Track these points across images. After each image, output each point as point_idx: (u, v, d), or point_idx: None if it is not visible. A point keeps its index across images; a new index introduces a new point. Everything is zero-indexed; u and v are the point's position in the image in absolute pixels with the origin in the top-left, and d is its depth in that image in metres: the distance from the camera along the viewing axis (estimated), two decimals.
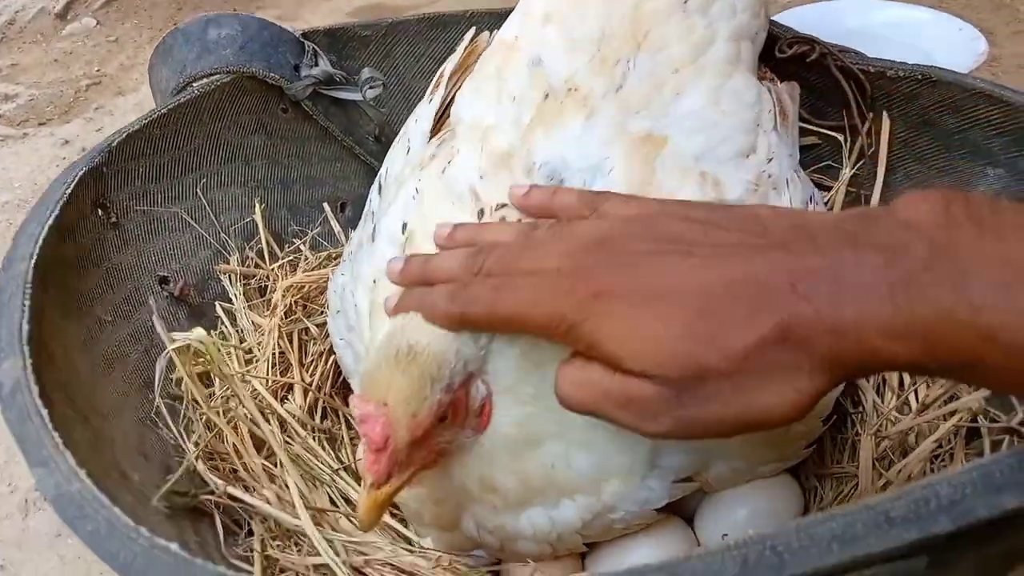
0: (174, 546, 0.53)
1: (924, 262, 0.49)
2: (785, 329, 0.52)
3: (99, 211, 0.95)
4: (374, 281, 0.78)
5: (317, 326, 1.06)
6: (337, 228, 1.21)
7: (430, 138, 0.90)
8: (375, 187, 0.92)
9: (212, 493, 0.82)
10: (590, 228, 0.63)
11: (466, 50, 0.95)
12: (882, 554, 0.48)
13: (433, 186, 0.81)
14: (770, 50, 1.02)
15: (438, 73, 0.95)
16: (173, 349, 0.79)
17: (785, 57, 1.03)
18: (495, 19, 1.26)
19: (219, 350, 0.84)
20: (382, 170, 0.92)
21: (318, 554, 0.76)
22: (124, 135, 0.99)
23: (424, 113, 0.89)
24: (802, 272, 0.52)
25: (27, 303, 0.74)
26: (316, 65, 1.17)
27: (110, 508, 0.56)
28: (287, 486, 0.84)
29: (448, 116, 0.92)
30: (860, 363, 0.52)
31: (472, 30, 0.98)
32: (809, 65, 1.04)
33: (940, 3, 2.15)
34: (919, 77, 0.98)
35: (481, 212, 0.77)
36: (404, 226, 0.80)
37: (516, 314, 0.61)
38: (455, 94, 0.93)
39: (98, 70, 2.06)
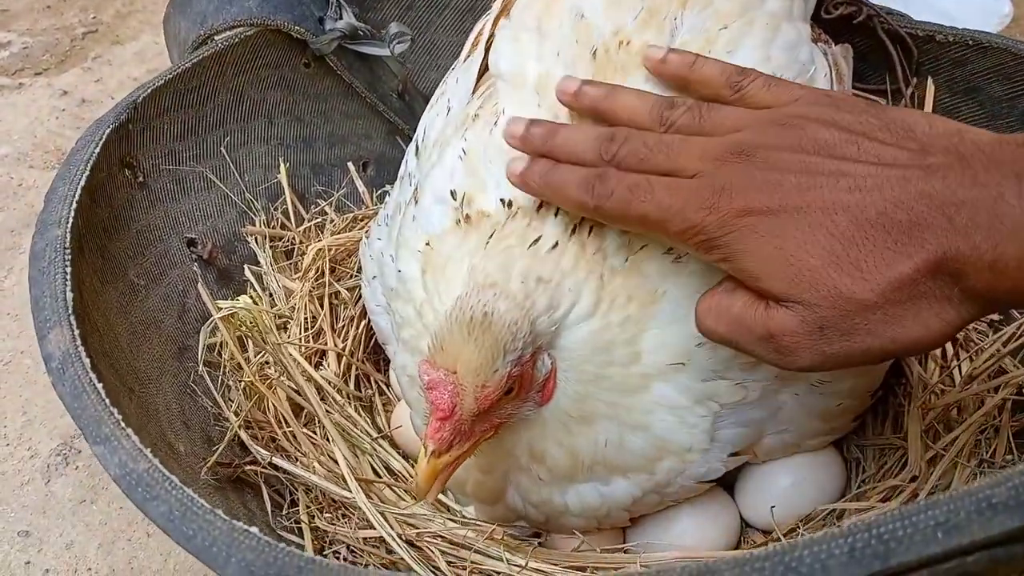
0: (255, 529, 0.51)
1: None
2: (939, 263, 0.51)
3: (127, 171, 0.92)
4: (427, 244, 0.76)
5: (348, 290, 1.03)
6: (362, 188, 1.18)
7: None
8: (411, 150, 0.89)
9: (255, 463, 0.80)
10: (730, 121, 0.61)
11: (502, 4, 0.92)
12: (985, 541, 0.48)
13: (482, 144, 0.78)
14: (816, 11, 0.99)
15: (475, 31, 0.91)
16: (219, 318, 0.77)
17: (831, 18, 1.00)
18: None
19: (263, 318, 0.82)
20: (419, 132, 0.89)
21: (369, 527, 0.74)
22: (149, 90, 0.95)
23: (464, 73, 0.86)
24: (958, 204, 0.50)
25: (68, 269, 0.72)
26: (341, 18, 1.13)
27: (181, 489, 0.55)
28: (331, 456, 0.83)
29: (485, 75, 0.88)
30: (1014, 296, 0.50)
31: None
32: (854, 27, 1.02)
33: None
34: (970, 43, 0.96)
35: None
36: (453, 192, 0.77)
37: (652, 219, 0.60)
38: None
39: (94, 17, 1.98)
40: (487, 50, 0.88)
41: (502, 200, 0.74)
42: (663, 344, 0.70)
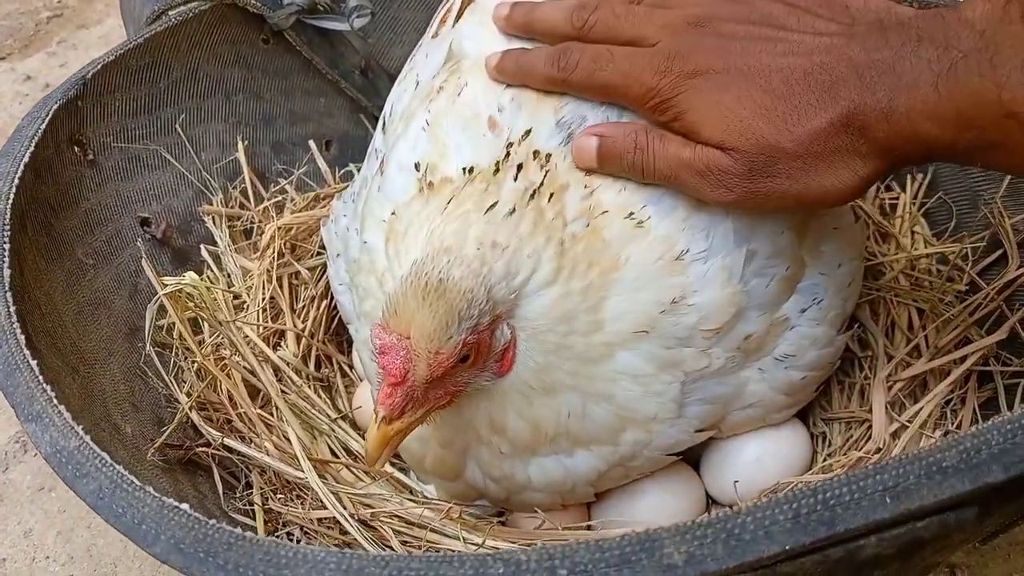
0: (185, 506, 0.49)
1: (966, 54, 0.55)
2: (849, 115, 0.58)
3: (75, 148, 0.90)
4: (392, 213, 0.74)
5: (308, 269, 1.01)
6: (323, 167, 1.16)
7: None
8: (379, 125, 0.87)
9: (208, 445, 0.78)
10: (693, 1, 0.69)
11: None
12: (935, 505, 0.47)
13: (445, 114, 0.77)
14: None
15: (443, 7, 0.89)
16: (164, 295, 0.75)
17: None
18: None
19: (212, 295, 0.80)
20: (386, 107, 0.88)
21: (323, 507, 0.73)
22: (99, 66, 0.93)
23: (435, 49, 0.84)
24: (869, 65, 0.58)
25: (6, 245, 0.70)
26: None
27: (112, 466, 0.53)
28: (286, 436, 0.81)
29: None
30: (907, 148, 0.58)
31: None
32: None
33: None
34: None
35: (509, 145, 0.73)
36: (417, 164, 0.76)
37: (613, 85, 0.68)
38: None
39: (59, 1, 1.95)
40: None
41: (463, 168, 0.73)
42: (626, 311, 0.69)
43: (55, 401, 0.57)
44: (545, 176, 0.70)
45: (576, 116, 0.73)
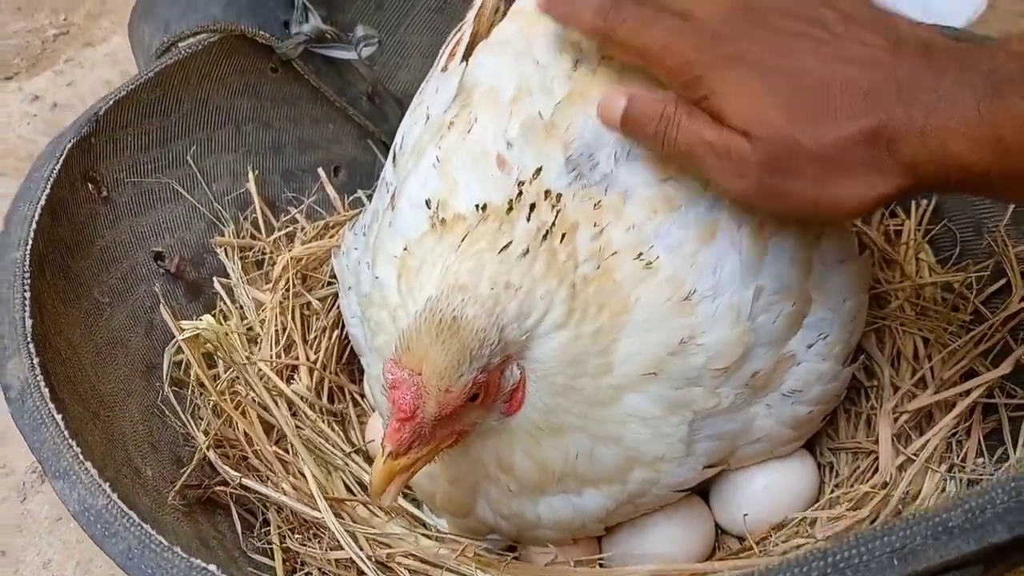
0: (213, 567, 0.51)
1: (1011, 79, 0.55)
2: (879, 128, 0.58)
3: (89, 185, 0.91)
4: (404, 249, 0.76)
5: (319, 300, 1.03)
6: (332, 194, 1.17)
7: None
8: (389, 157, 0.89)
9: (225, 484, 0.80)
10: None
11: (478, 14, 0.91)
12: (941, 565, 0.48)
13: (455, 150, 0.78)
14: None
15: (451, 41, 0.90)
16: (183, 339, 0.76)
17: None
18: None
19: (227, 335, 0.81)
20: (397, 139, 0.89)
21: (340, 547, 0.74)
22: (111, 102, 0.94)
23: (445, 83, 0.85)
24: (910, 82, 0.58)
25: (27, 294, 0.71)
26: (307, 21, 1.11)
27: (140, 525, 0.54)
28: (301, 473, 0.82)
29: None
30: (935, 168, 0.58)
31: None
32: None
33: None
34: None
35: (520, 183, 0.74)
36: (428, 201, 0.77)
37: (653, 51, 0.67)
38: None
39: (65, 19, 1.95)
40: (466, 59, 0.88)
41: (476, 205, 0.74)
42: (635, 354, 0.70)
43: (81, 457, 0.59)
44: (556, 216, 0.72)
45: (585, 154, 0.75)
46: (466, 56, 0.88)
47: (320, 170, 1.17)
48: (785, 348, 0.77)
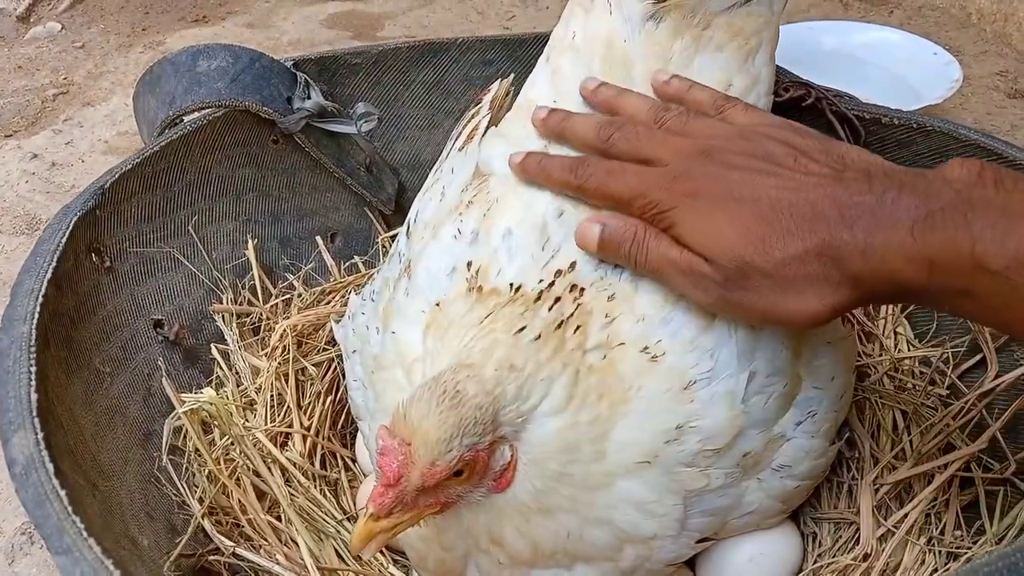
0: None
1: (944, 206, 0.61)
2: (824, 247, 0.64)
3: (93, 256, 0.93)
4: (437, 304, 0.79)
5: (315, 365, 1.05)
6: (329, 261, 1.20)
7: None
8: (402, 231, 0.92)
9: (219, 552, 0.81)
10: (708, 130, 0.76)
11: (494, 100, 0.95)
12: None
13: (485, 227, 0.82)
14: None
15: (467, 122, 0.94)
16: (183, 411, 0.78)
17: (781, 101, 1.04)
18: (486, 47, 1.26)
19: (227, 408, 0.83)
20: (411, 214, 0.91)
21: None
22: (116, 175, 0.96)
23: (462, 163, 0.89)
24: (851, 205, 0.64)
25: (33, 368, 0.73)
26: (309, 97, 1.15)
27: None
28: (294, 540, 0.84)
29: None
30: (878, 283, 0.64)
31: (497, 83, 0.97)
32: (803, 109, 1.05)
33: (909, 20, 2.19)
34: (914, 125, 1.00)
35: (557, 273, 0.77)
36: (469, 264, 0.80)
37: (620, 196, 0.75)
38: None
39: (65, 78, 1.99)
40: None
41: (511, 284, 0.77)
42: (632, 443, 0.72)
43: (85, 534, 0.60)
44: (576, 308, 0.74)
45: None
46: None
47: (318, 237, 1.20)
48: (776, 428, 0.80)
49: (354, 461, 1.02)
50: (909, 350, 1.02)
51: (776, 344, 0.78)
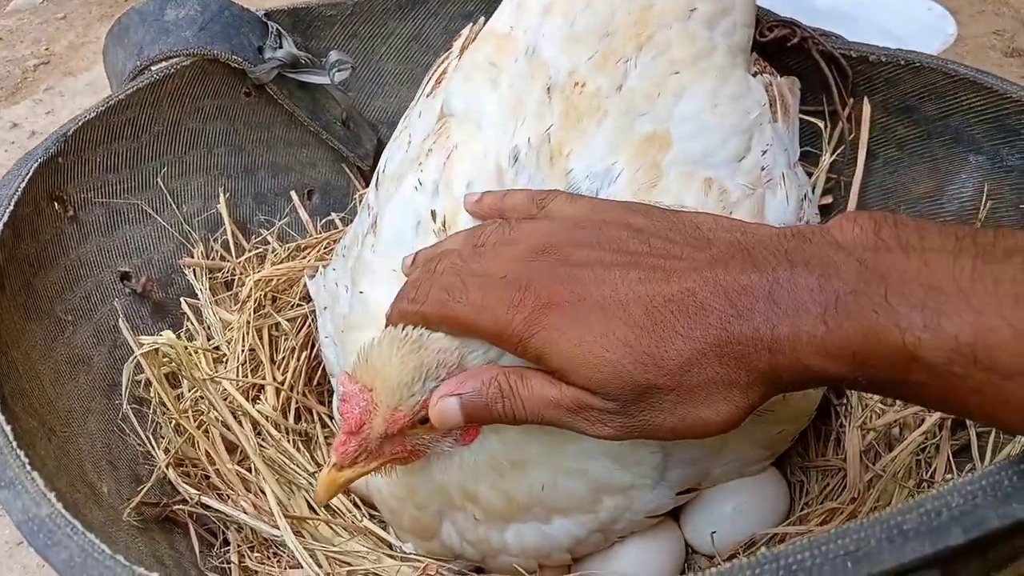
0: (156, 575, 0.50)
1: (853, 285, 0.50)
2: (723, 344, 0.53)
3: (55, 204, 0.90)
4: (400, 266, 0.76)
5: (288, 320, 1.02)
6: (305, 217, 1.17)
7: None
8: (372, 181, 0.90)
9: (184, 502, 0.78)
10: (535, 229, 0.65)
11: (464, 44, 0.92)
12: (897, 569, 0.47)
13: (456, 170, 0.79)
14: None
15: (438, 68, 0.91)
16: (141, 354, 0.75)
17: (765, 41, 1.00)
18: None
19: (189, 353, 0.80)
20: (380, 164, 0.89)
21: (299, 566, 0.73)
22: (80, 123, 0.94)
23: (428, 107, 0.86)
24: (739, 290, 0.53)
25: None
26: (280, 47, 1.12)
27: (84, 534, 0.53)
28: (263, 492, 0.81)
29: None
30: (795, 378, 0.53)
31: (469, 27, 0.94)
32: (788, 49, 1.02)
33: None
34: (902, 63, 0.97)
35: (506, 187, 0.75)
36: (433, 213, 0.77)
37: (468, 320, 0.62)
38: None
39: (46, 49, 1.97)
40: None
41: None
42: None
43: (28, 467, 0.57)
44: None
45: (586, 176, 0.75)
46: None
47: (293, 194, 1.17)
48: None
49: (331, 418, 1.00)
50: None
51: None
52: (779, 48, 1.01)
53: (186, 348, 0.78)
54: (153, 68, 1.05)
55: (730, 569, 0.46)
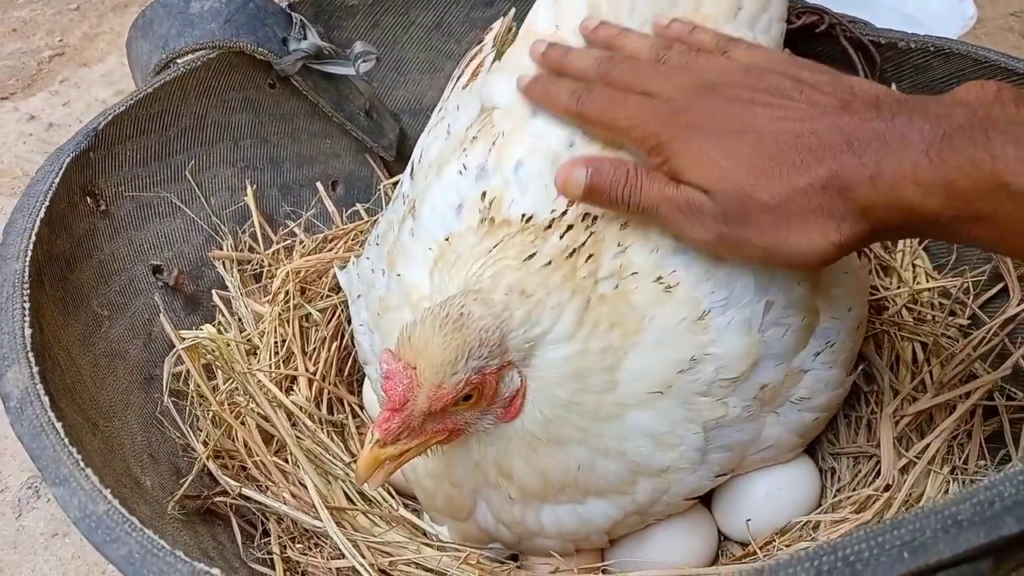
0: (216, 571, 0.50)
1: (961, 126, 0.56)
2: (831, 177, 0.60)
3: (88, 199, 0.91)
4: (446, 239, 0.77)
5: (319, 311, 1.02)
6: (331, 208, 1.17)
7: None
8: (407, 171, 0.90)
9: (225, 494, 0.79)
10: (709, 67, 0.73)
11: (496, 37, 0.92)
12: (951, 559, 0.48)
13: (494, 159, 0.79)
14: None
15: (473, 61, 0.91)
16: (183, 348, 0.76)
17: (794, 28, 1.00)
18: None
19: (227, 345, 0.81)
20: (415, 154, 0.90)
21: (341, 556, 0.74)
22: (110, 117, 0.94)
23: (467, 101, 0.86)
24: (858, 132, 0.60)
25: (27, 304, 0.71)
26: (305, 38, 1.12)
27: (142, 530, 0.54)
28: (301, 483, 0.82)
29: None
30: (888, 213, 0.59)
31: (499, 21, 0.94)
32: (817, 36, 1.02)
33: None
34: (931, 49, 0.97)
35: (570, 202, 0.75)
36: (460, 205, 0.78)
37: (620, 126, 0.72)
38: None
39: (60, 40, 1.96)
40: None
41: (523, 215, 0.75)
42: (644, 372, 0.70)
43: (81, 464, 0.58)
44: (589, 237, 0.72)
45: None
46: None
47: (318, 184, 1.17)
48: (795, 362, 0.77)
49: (361, 408, 1.00)
50: (928, 281, 0.99)
51: (793, 276, 0.75)
52: (807, 35, 1.01)
53: (225, 342, 0.78)
54: (179, 61, 1.05)
55: (789, 560, 0.47)
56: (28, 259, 0.75)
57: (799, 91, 0.66)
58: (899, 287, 0.99)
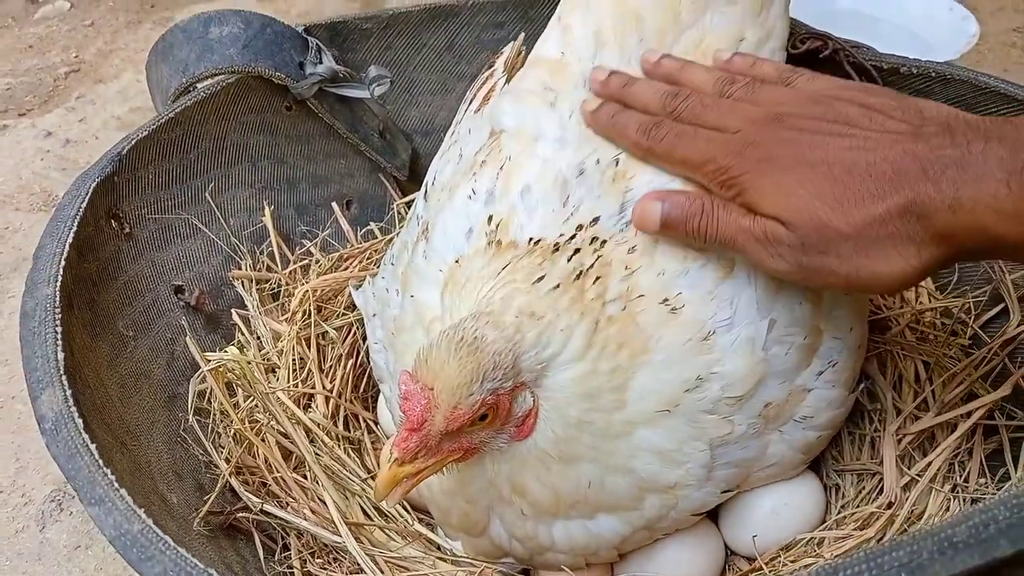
0: None
1: None
2: (909, 204, 0.61)
3: (113, 222, 0.94)
4: (456, 261, 0.79)
5: (335, 329, 1.05)
6: (346, 227, 1.20)
7: None
8: (420, 194, 0.93)
9: (247, 510, 0.82)
10: (775, 99, 0.73)
11: (507, 62, 0.95)
12: None
13: (518, 179, 0.81)
14: None
15: (484, 86, 0.93)
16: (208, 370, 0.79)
17: (798, 53, 1.03)
18: (497, 8, 1.25)
19: (249, 364, 0.84)
20: (428, 177, 0.92)
21: (360, 571, 0.76)
22: (133, 141, 0.97)
23: (479, 126, 0.89)
24: (934, 160, 0.61)
25: (59, 328, 0.73)
26: (321, 62, 1.15)
27: (176, 549, 0.56)
28: (320, 499, 0.84)
29: None
30: (970, 241, 0.60)
31: (510, 45, 0.97)
32: (821, 61, 1.04)
33: None
34: (932, 74, 0.99)
35: (578, 227, 0.77)
36: (470, 229, 0.80)
37: (691, 161, 0.73)
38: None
39: (76, 56, 2.00)
40: None
41: (530, 238, 0.77)
42: (651, 391, 0.72)
43: (115, 484, 0.61)
44: (596, 260, 0.74)
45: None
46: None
47: (333, 204, 1.20)
48: (798, 380, 0.80)
49: (376, 423, 1.03)
50: (930, 302, 1.01)
51: (796, 295, 0.77)
52: (811, 60, 1.03)
53: (248, 363, 0.81)
54: (199, 85, 1.08)
55: None
56: (59, 284, 0.77)
57: (868, 118, 0.67)
58: (902, 307, 1.01)
